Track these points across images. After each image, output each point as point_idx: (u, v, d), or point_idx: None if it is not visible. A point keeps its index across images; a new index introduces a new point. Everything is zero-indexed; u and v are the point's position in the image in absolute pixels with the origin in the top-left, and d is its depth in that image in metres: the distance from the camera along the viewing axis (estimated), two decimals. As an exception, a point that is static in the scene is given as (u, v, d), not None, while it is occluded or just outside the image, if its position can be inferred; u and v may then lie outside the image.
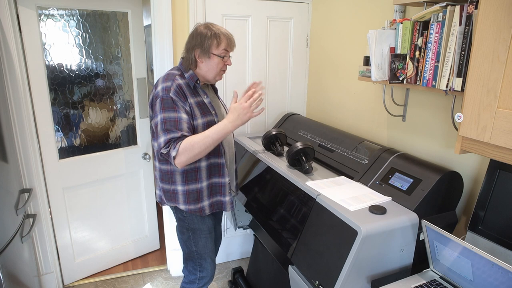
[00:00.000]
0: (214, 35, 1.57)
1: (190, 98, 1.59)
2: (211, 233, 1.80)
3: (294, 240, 1.58)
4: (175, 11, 2.24)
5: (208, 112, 1.63)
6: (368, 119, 2.10)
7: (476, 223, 1.36)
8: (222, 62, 1.62)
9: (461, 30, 1.24)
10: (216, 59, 1.60)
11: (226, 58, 1.63)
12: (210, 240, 1.79)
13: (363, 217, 1.32)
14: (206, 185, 1.69)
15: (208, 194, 1.71)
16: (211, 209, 1.73)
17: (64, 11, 2.20)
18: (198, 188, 1.67)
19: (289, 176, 1.75)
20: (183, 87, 1.58)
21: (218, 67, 1.62)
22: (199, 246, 1.77)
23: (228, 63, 1.65)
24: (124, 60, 2.51)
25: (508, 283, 1.05)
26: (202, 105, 1.62)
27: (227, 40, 1.60)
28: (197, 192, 1.67)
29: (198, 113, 1.59)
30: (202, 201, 1.69)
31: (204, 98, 1.65)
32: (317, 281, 1.38)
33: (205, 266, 1.81)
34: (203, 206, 1.70)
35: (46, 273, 2.39)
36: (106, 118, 2.53)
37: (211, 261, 1.83)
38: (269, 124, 2.69)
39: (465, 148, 1.20)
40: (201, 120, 1.59)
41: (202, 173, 1.66)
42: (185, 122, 1.52)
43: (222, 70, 1.65)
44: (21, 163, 2.10)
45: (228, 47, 1.62)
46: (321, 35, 2.48)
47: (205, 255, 1.79)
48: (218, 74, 1.65)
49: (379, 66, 1.59)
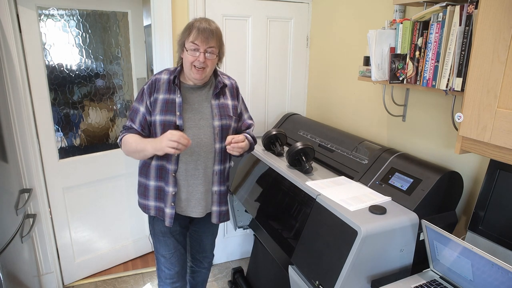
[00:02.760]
0: (189, 27, 1.48)
1: (160, 94, 1.54)
2: (166, 237, 1.68)
3: (294, 240, 1.57)
4: (175, 11, 2.24)
5: (172, 111, 1.52)
6: (368, 119, 2.10)
7: (476, 223, 1.36)
8: (191, 56, 1.47)
9: (461, 30, 1.24)
10: (185, 53, 1.49)
11: (197, 53, 1.46)
12: (163, 246, 1.69)
13: (363, 217, 1.32)
14: (154, 186, 1.62)
15: (155, 196, 1.63)
16: (156, 213, 1.64)
17: (64, 11, 2.20)
18: (145, 184, 1.63)
19: (289, 176, 1.75)
20: (160, 82, 1.56)
21: (188, 61, 1.48)
22: (154, 247, 1.74)
23: (200, 59, 1.46)
24: (124, 60, 2.51)
25: (508, 283, 1.05)
26: (169, 103, 1.53)
27: (197, 32, 1.45)
28: (144, 187, 1.65)
29: (158, 110, 1.53)
30: (147, 199, 1.65)
31: (177, 97, 1.54)
32: (317, 281, 1.38)
33: (160, 272, 1.75)
34: (148, 205, 1.65)
35: (46, 273, 2.39)
36: (106, 118, 2.53)
37: (165, 269, 1.72)
38: (269, 124, 2.69)
39: (465, 148, 1.20)
40: (158, 117, 1.52)
41: (151, 171, 1.61)
42: (139, 115, 1.57)
43: (193, 66, 1.48)
44: (21, 163, 2.10)
45: (198, 41, 1.45)
46: (321, 35, 2.48)
47: (160, 259, 1.72)
48: (190, 70, 1.50)
49: (379, 66, 1.59)
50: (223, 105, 1.62)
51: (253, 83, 2.55)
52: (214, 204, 1.67)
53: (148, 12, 2.46)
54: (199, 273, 2.00)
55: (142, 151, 1.51)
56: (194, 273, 2.00)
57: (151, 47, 2.37)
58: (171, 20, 2.22)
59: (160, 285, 1.78)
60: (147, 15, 2.95)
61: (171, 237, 1.69)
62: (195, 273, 2.00)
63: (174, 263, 1.72)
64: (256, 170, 2.07)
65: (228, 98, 1.65)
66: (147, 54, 2.92)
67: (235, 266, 2.62)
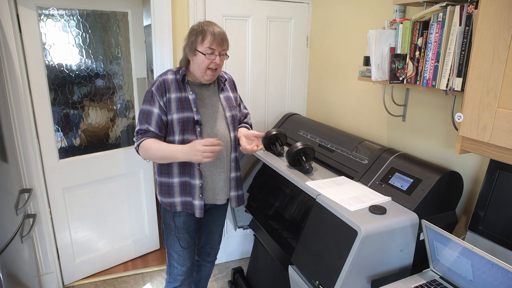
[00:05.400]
0: (200, 32, 1.54)
1: (172, 93, 1.59)
2: (182, 234, 1.74)
3: (294, 240, 1.58)
4: (175, 11, 2.24)
5: (189, 108, 1.60)
6: (368, 119, 2.10)
7: (476, 223, 1.36)
8: (207, 60, 1.55)
9: (461, 30, 1.24)
10: (200, 57, 1.55)
11: (213, 56, 1.55)
12: (180, 241, 1.74)
13: (363, 217, 1.32)
14: (179, 182, 1.66)
15: (181, 191, 1.68)
16: (183, 207, 1.69)
17: (64, 11, 2.20)
18: (169, 182, 1.67)
19: (289, 176, 1.75)
20: (168, 82, 1.60)
21: (203, 65, 1.56)
22: (168, 244, 1.77)
23: (216, 61, 1.56)
24: (124, 60, 2.51)
25: (508, 283, 1.05)
26: (184, 100, 1.60)
27: (212, 37, 1.52)
28: (167, 186, 1.67)
29: (175, 108, 1.58)
30: (173, 197, 1.68)
31: (190, 95, 1.61)
32: (317, 281, 1.38)
33: (172, 269, 1.79)
34: (174, 202, 1.68)
35: (46, 273, 2.39)
36: (106, 118, 2.53)
37: (178, 266, 1.77)
38: (269, 124, 2.69)
39: (465, 148, 1.20)
40: (176, 115, 1.58)
41: (173, 168, 1.65)
42: (154, 116, 1.58)
43: (208, 68, 1.57)
44: (21, 163, 2.10)
45: (214, 45, 1.53)
46: (321, 35, 2.48)
47: (173, 256, 1.77)
48: (204, 73, 1.58)
49: (379, 66, 1.59)
50: (228, 97, 1.75)
51: (253, 83, 2.55)
52: (232, 189, 1.77)
53: (148, 12, 2.46)
54: (204, 267, 2.06)
55: (172, 159, 1.56)
56: (200, 267, 2.06)
57: (151, 47, 2.37)
58: (171, 20, 2.22)
59: (169, 282, 1.82)
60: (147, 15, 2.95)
61: (185, 233, 1.75)
62: (201, 267, 2.06)
63: (186, 259, 1.79)
64: (256, 170, 2.07)
65: (229, 91, 1.78)
66: (147, 54, 2.92)
67: (235, 266, 2.62)
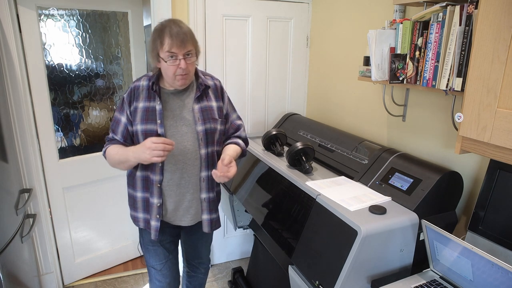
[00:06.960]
0: (158, 34, 1.34)
1: (140, 102, 1.46)
2: (155, 247, 1.63)
3: (294, 240, 1.57)
4: (175, 11, 2.24)
5: (153, 120, 1.44)
6: (368, 119, 2.10)
7: (476, 223, 1.36)
8: (172, 66, 1.36)
9: (461, 30, 1.24)
10: (163, 63, 1.37)
11: (176, 61, 1.35)
12: (153, 256, 1.65)
13: (363, 217, 1.32)
14: (141, 197, 1.54)
15: (143, 207, 1.56)
16: (145, 225, 1.57)
17: (64, 11, 2.20)
18: (134, 195, 1.57)
19: (289, 176, 1.75)
20: (139, 89, 1.47)
21: (169, 72, 1.38)
22: (145, 258, 1.70)
23: (181, 66, 1.35)
24: (124, 60, 2.51)
25: (508, 283, 1.05)
26: (150, 111, 1.45)
27: (170, 39, 1.32)
28: (133, 199, 1.58)
29: (139, 119, 1.45)
30: (136, 211, 1.58)
31: (157, 105, 1.44)
32: (317, 281, 1.38)
33: (152, 284, 1.72)
34: (137, 217, 1.59)
35: (46, 273, 2.39)
36: (106, 118, 2.53)
37: (156, 281, 1.69)
38: (269, 124, 2.69)
39: (465, 148, 1.20)
40: (140, 127, 1.45)
41: (137, 182, 1.54)
42: (121, 126, 1.50)
43: (176, 75, 1.38)
44: (21, 163, 2.10)
45: (174, 48, 1.33)
46: (321, 35, 2.48)
47: (151, 271, 1.69)
48: (174, 80, 1.40)
49: (379, 66, 1.59)
50: (206, 108, 1.52)
51: (253, 83, 2.55)
52: (204, 212, 1.58)
53: (148, 12, 2.46)
54: (196, 278, 1.94)
55: (126, 161, 1.44)
56: (191, 277, 1.95)
57: (151, 47, 2.37)
58: (171, 20, 2.22)
59: None
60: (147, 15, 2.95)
61: (160, 247, 1.64)
62: (192, 277, 1.94)
63: (165, 274, 1.69)
64: (256, 170, 2.07)
65: (212, 100, 1.55)
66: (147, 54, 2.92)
67: (235, 266, 2.62)
